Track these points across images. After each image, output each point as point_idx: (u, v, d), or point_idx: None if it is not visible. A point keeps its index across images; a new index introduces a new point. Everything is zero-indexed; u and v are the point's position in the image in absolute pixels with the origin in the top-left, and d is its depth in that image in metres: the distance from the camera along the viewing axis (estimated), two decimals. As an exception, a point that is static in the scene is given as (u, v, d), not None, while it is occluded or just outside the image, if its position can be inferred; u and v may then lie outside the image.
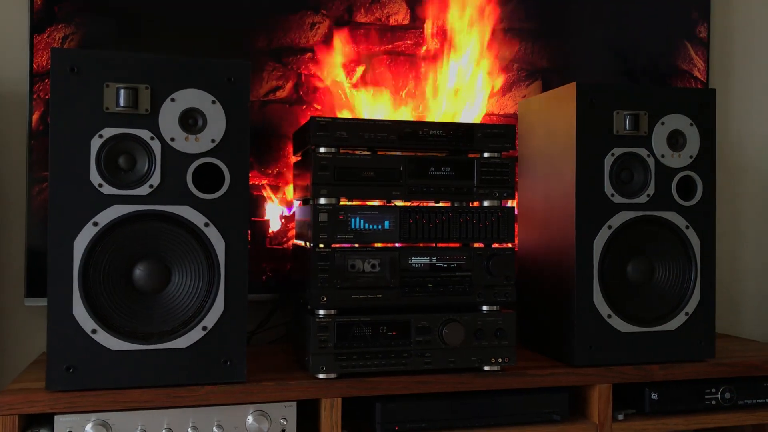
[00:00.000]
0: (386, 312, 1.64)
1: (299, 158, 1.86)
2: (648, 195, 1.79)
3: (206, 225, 1.53)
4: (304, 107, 2.05)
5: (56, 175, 1.46)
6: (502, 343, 1.69)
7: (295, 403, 1.58)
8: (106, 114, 1.48)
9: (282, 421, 1.57)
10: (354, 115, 2.09)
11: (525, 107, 2.04)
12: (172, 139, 1.51)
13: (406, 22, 2.14)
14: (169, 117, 1.51)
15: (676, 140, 1.81)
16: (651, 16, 2.34)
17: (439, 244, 1.71)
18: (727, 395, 1.84)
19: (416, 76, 2.14)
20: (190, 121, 1.54)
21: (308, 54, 2.06)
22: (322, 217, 1.61)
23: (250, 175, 1.73)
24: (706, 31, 2.40)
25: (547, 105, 1.91)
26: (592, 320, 1.75)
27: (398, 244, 1.68)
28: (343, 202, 1.65)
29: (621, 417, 1.78)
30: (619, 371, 1.76)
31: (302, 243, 1.78)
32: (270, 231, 2.03)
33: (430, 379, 1.65)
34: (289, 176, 2.03)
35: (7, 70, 1.93)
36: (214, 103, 1.54)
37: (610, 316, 1.76)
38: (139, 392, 1.49)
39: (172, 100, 1.52)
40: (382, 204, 1.68)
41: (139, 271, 1.51)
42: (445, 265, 1.68)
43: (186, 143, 1.52)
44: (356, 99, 2.10)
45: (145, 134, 1.50)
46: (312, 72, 2.07)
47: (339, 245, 1.62)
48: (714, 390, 1.84)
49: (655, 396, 1.79)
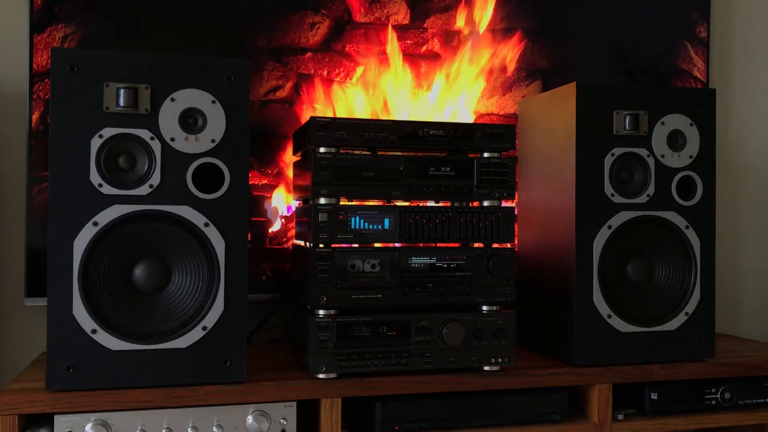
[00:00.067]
0: (386, 312, 1.64)
1: (299, 158, 1.86)
2: (648, 195, 1.79)
3: (206, 225, 1.53)
4: (304, 107, 2.05)
5: (56, 175, 1.46)
6: (502, 343, 1.69)
7: (295, 403, 1.58)
8: (106, 114, 1.48)
9: (282, 421, 1.57)
10: (354, 115, 2.09)
11: (525, 107, 2.04)
12: (172, 139, 1.51)
13: (406, 22, 2.14)
14: (169, 117, 1.51)
15: (676, 140, 1.81)
16: (651, 16, 2.34)
17: (439, 244, 1.71)
18: (727, 395, 1.84)
19: (416, 76, 2.14)
20: (190, 120, 1.53)
21: (308, 54, 2.06)
22: (322, 217, 1.61)
23: (250, 174, 1.73)
24: (706, 31, 2.40)
25: (547, 105, 1.91)
26: (592, 320, 1.75)
27: (398, 244, 1.68)
28: (343, 202, 1.65)
29: (621, 417, 1.78)
30: (619, 371, 1.76)
31: (302, 243, 1.78)
32: (270, 231, 2.03)
33: (430, 379, 1.65)
34: (288, 176, 2.03)
35: (7, 69, 1.93)
36: (214, 102, 1.53)
37: (610, 316, 1.76)
38: (139, 392, 1.49)
39: (172, 100, 1.52)
40: (382, 204, 1.68)
41: (139, 271, 1.51)
42: (445, 265, 1.68)
43: (186, 143, 1.52)
44: (356, 99, 2.10)
45: (145, 134, 1.50)
46: (312, 72, 2.07)
47: (339, 245, 1.62)
48: (714, 390, 1.84)
49: (655, 396, 1.79)
